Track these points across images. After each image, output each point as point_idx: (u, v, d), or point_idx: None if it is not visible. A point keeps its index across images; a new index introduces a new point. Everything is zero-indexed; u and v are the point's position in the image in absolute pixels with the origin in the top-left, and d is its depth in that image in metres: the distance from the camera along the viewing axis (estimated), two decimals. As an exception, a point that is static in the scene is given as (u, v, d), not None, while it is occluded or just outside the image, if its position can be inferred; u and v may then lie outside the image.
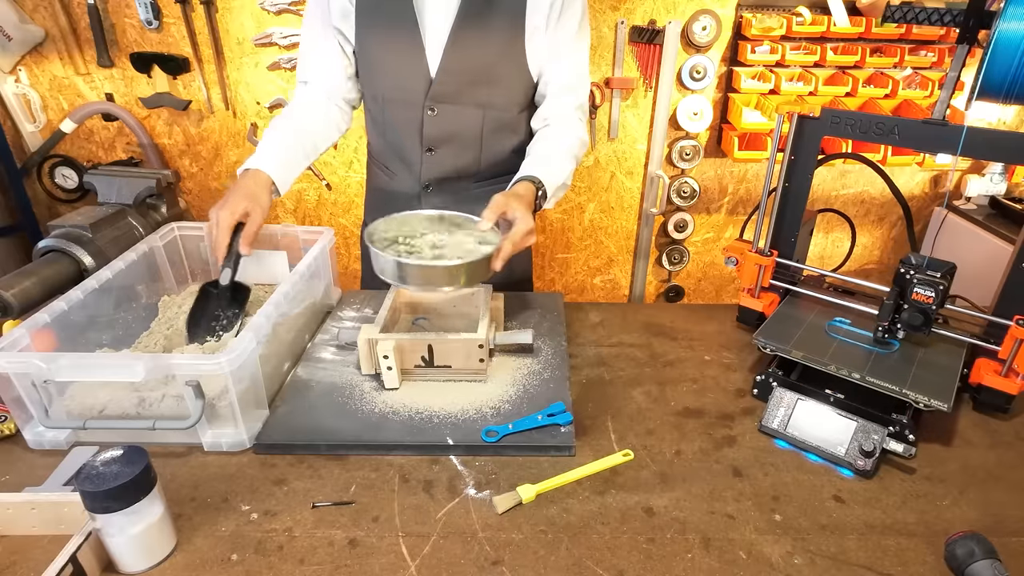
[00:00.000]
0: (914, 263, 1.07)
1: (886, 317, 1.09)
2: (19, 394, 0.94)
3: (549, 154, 1.25)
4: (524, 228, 1.06)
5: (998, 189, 2.40)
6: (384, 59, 1.28)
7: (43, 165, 2.43)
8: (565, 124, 1.30)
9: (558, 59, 1.28)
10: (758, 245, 1.27)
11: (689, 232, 2.61)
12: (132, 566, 0.78)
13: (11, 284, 1.61)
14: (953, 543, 0.80)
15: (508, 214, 1.08)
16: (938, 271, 1.05)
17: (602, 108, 2.37)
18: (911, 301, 1.06)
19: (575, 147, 1.29)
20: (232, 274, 1.16)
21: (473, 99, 1.28)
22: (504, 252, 1.05)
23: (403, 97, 1.30)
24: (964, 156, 1.13)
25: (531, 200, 1.13)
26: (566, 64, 1.28)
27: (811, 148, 1.17)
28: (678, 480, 0.94)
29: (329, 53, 1.30)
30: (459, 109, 1.29)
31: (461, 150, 1.34)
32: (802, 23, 2.15)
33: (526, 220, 1.07)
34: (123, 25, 2.22)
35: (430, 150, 1.34)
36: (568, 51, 1.28)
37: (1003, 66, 0.93)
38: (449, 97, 1.28)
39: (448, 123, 1.31)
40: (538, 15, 1.22)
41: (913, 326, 1.06)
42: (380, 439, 0.98)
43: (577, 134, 1.30)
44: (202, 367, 0.91)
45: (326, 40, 1.28)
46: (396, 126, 1.35)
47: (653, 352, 1.26)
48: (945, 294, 1.04)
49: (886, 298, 1.08)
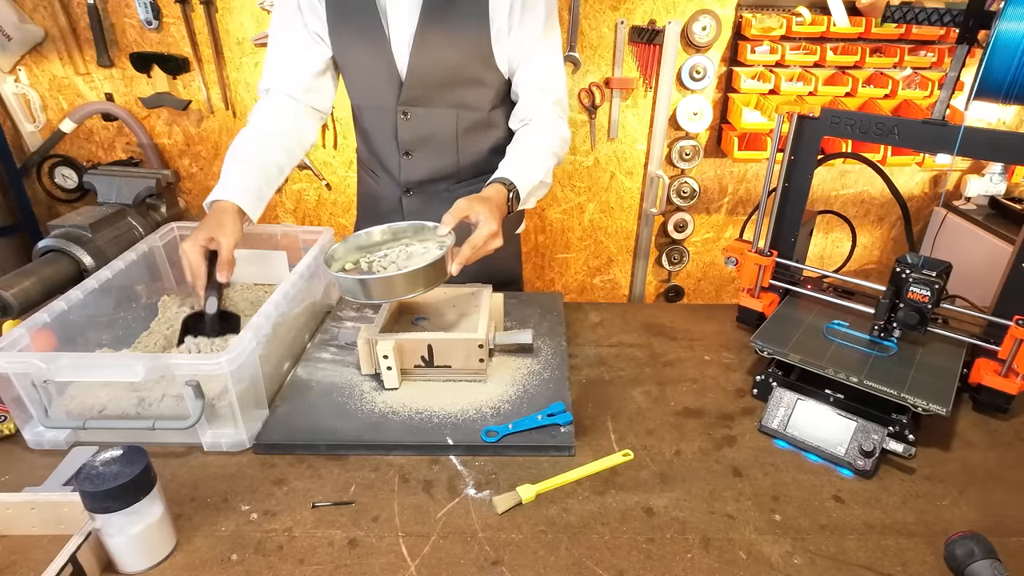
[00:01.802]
0: (910, 262, 1.07)
1: (882, 316, 1.09)
2: (19, 394, 0.94)
3: (524, 154, 1.23)
4: (486, 232, 1.04)
5: (998, 189, 2.40)
6: (356, 65, 1.28)
7: (43, 165, 2.43)
8: (543, 122, 1.28)
9: (527, 59, 1.25)
10: (758, 245, 1.27)
11: (689, 232, 2.61)
12: (132, 566, 0.78)
13: (11, 284, 1.60)
14: (953, 543, 0.80)
15: (471, 217, 1.06)
16: (934, 270, 1.05)
17: (602, 108, 2.37)
18: (907, 300, 1.06)
19: (554, 145, 1.26)
20: (217, 302, 1.12)
21: (445, 101, 1.27)
22: (462, 255, 1.03)
23: (377, 103, 1.30)
24: (963, 156, 1.13)
25: (500, 203, 1.11)
26: (536, 64, 1.26)
27: (811, 148, 1.17)
28: (678, 480, 0.94)
29: (294, 53, 1.26)
30: (432, 112, 1.28)
31: (438, 153, 1.33)
32: (802, 23, 2.15)
33: (489, 224, 1.04)
34: (123, 25, 2.22)
35: (407, 154, 1.33)
36: (536, 51, 1.25)
37: (1003, 66, 0.93)
38: (421, 100, 1.27)
39: (422, 126, 1.30)
40: (500, 16, 1.19)
41: (909, 325, 1.07)
42: (380, 439, 0.98)
43: (556, 131, 1.28)
44: (202, 367, 0.91)
45: (292, 42, 1.26)
46: (374, 131, 1.35)
47: (653, 352, 1.26)
48: (941, 293, 1.04)
49: (882, 297, 1.09)
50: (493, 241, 1.06)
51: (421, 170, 1.35)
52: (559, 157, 1.28)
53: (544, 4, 1.23)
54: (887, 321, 1.10)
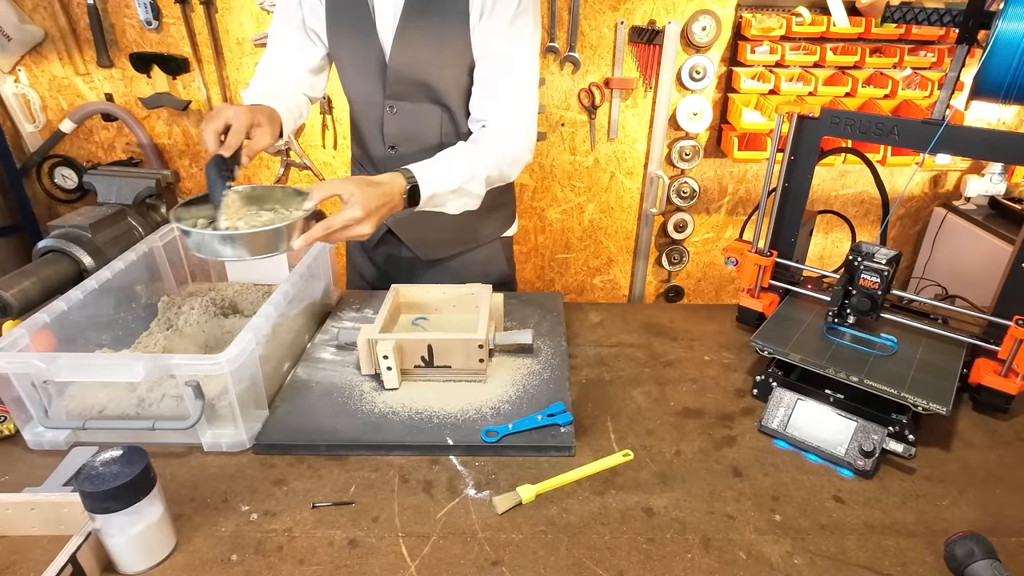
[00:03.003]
0: (862, 251, 1.10)
1: (836, 302, 1.13)
2: (19, 394, 0.94)
3: (449, 155, 1.16)
4: (348, 215, 0.96)
5: (997, 189, 2.40)
6: (348, 59, 1.30)
7: (43, 165, 2.43)
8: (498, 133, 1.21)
9: (487, 52, 1.20)
10: (758, 245, 1.27)
11: (689, 232, 2.61)
12: (132, 566, 0.78)
13: (11, 284, 1.60)
14: (953, 543, 0.80)
15: (343, 197, 0.98)
16: (884, 259, 1.09)
17: (602, 108, 2.37)
18: (859, 287, 1.10)
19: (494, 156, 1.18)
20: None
21: (428, 96, 1.27)
22: (311, 234, 0.95)
23: (365, 96, 1.31)
24: (959, 156, 1.12)
25: (390, 192, 1.03)
26: (494, 59, 1.20)
27: (811, 148, 1.17)
28: (678, 480, 0.94)
29: (292, 50, 1.31)
30: (417, 107, 1.28)
31: (422, 149, 1.32)
32: (802, 23, 2.15)
33: (354, 208, 0.96)
34: (123, 25, 2.22)
35: (392, 148, 1.34)
36: (498, 44, 1.19)
37: (1003, 66, 0.93)
38: (405, 94, 1.27)
39: (407, 121, 1.30)
40: (476, 7, 1.17)
41: (861, 311, 1.11)
42: (380, 439, 0.98)
43: (504, 146, 1.20)
44: (202, 367, 0.91)
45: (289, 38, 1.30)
46: (363, 126, 1.36)
47: (653, 352, 1.26)
48: (890, 280, 1.09)
49: (835, 284, 1.13)
50: (356, 227, 0.98)
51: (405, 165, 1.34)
52: (500, 170, 1.20)
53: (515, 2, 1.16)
54: (840, 307, 1.14)
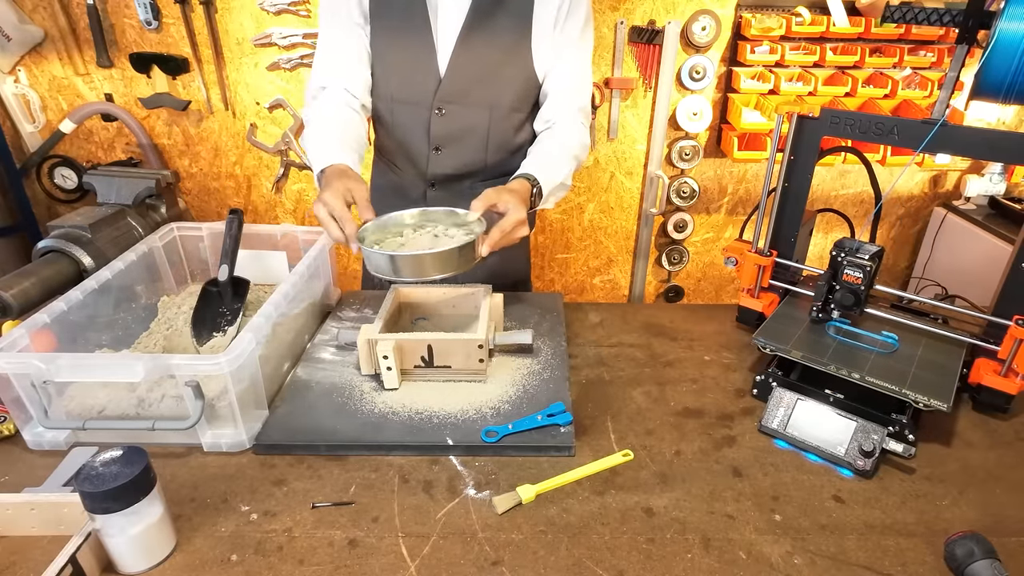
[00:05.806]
0: (846, 247, 1.12)
1: (820, 297, 1.14)
2: (18, 394, 0.94)
3: (548, 154, 1.26)
4: (515, 218, 1.07)
5: (997, 189, 2.40)
6: (396, 59, 1.29)
7: (42, 165, 2.43)
8: (567, 126, 1.31)
9: (561, 61, 1.29)
10: (758, 245, 1.27)
11: (689, 232, 2.61)
12: (132, 567, 0.78)
13: (11, 284, 1.60)
14: (953, 543, 0.80)
15: (499, 206, 1.08)
16: (867, 255, 1.10)
17: (602, 108, 2.37)
18: (842, 282, 1.11)
19: (575, 148, 1.29)
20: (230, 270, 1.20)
21: (480, 99, 1.29)
22: (491, 239, 1.05)
23: (412, 98, 1.31)
24: (959, 156, 1.13)
25: (525, 196, 1.14)
26: (568, 66, 1.30)
27: (810, 148, 1.17)
28: (678, 480, 0.94)
29: (353, 51, 1.27)
30: (466, 109, 1.30)
31: (467, 149, 1.35)
32: (801, 23, 2.15)
33: (518, 211, 1.07)
34: (122, 25, 2.22)
35: (437, 148, 1.35)
36: (571, 53, 1.29)
37: (1003, 66, 0.93)
38: (457, 97, 1.29)
39: (455, 123, 1.32)
40: (545, 16, 1.24)
41: (845, 306, 1.13)
42: (380, 439, 0.98)
43: (578, 137, 1.31)
44: (201, 367, 0.91)
45: (349, 39, 1.26)
46: (404, 125, 1.35)
47: (653, 352, 1.26)
48: (873, 276, 1.10)
49: (819, 280, 1.14)
50: (521, 229, 1.08)
51: (449, 165, 1.37)
52: (579, 161, 1.31)
53: (584, 11, 1.27)
54: (825, 302, 1.15)
